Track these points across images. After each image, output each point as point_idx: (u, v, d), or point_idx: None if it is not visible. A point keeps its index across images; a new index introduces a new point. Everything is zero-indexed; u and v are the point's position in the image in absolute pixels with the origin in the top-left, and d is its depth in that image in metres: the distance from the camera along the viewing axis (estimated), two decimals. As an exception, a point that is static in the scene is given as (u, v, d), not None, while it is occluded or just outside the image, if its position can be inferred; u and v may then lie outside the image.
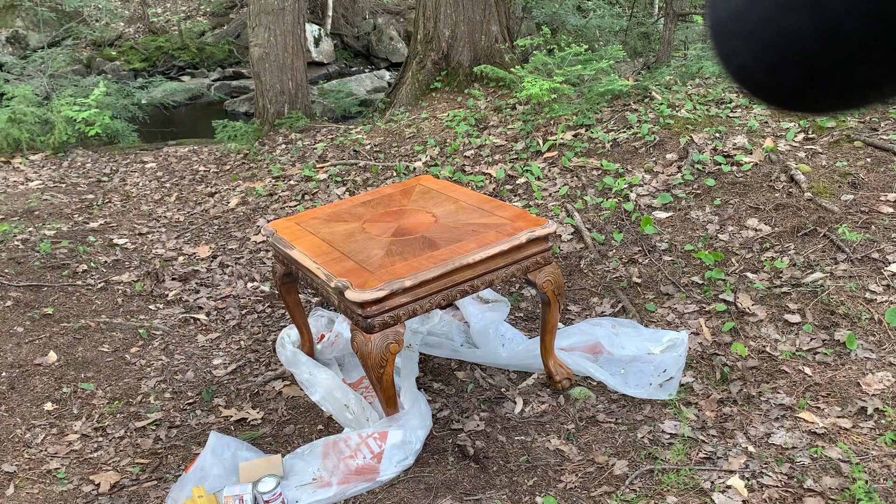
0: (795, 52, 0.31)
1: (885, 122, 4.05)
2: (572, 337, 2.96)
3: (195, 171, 5.72)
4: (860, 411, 2.48)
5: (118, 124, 6.65)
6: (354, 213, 2.86)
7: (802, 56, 0.31)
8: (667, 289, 3.28)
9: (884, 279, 3.01)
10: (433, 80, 6.46)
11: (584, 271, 3.55)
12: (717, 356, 2.83)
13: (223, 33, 11.88)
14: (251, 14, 6.13)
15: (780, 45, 0.31)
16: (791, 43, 0.31)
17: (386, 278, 2.31)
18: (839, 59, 0.30)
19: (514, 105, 5.56)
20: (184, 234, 4.59)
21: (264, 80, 6.20)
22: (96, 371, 3.22)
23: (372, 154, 5.36)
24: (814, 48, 0.30)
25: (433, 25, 6.39)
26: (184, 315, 3.64)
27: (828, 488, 2.20)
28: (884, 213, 3.39)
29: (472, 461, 2.50)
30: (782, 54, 0.32)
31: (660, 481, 2.31)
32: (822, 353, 2.75)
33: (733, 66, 0.35)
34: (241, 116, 8.56)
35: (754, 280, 3.18)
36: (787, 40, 0.31)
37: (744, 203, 3.67)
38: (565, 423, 2.64)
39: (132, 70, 10.72)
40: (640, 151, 4.34)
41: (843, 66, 0.30)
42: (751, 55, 0.33)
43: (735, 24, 0.33)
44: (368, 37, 11.63)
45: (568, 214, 3.98)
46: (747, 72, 0.34)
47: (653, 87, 5.10)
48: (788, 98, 0.34)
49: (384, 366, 2.35)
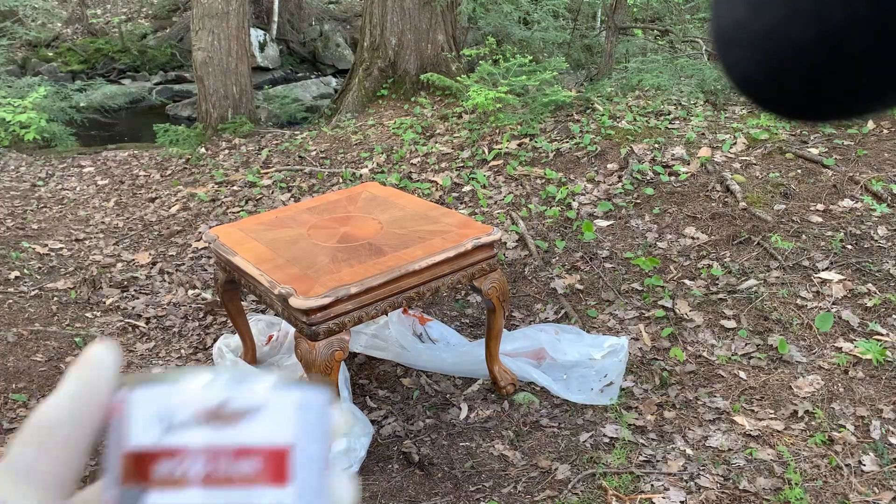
0: (798, 62, 0.31)
1: (815, 136, 4.22)
2: (516, 341, 3.00)
3: (135, 176, 5.59)
4: (792, 414, 2.57)
5: (55, 127, 6.46)
6: (299, 220, 2.84)
7: (805, 65, 0.31)
8: (608, 295, 3.35)
9: (813, 286, 3.14)
10: (380, 87, 6.46)
11: (529, 278, 3.59)
12: (656, 361, 2.90)
13: (165, 36, 11.66)
14: (195, 17, 6.04)
15: (782, 55, 0.32)
16: (793, 52, 0.31)
17: (331, 285, 2.29)
18: (841, 68, 0.30)
19: (460, 114, 5.60)
20: (122, 241, 4.48)
21: (207, 84, 6.11)
22: (29, 381, 3.11)
23: (318, 160, 5.33)
24: (816, 58, 0.31)
25: (380, 33, 6.40)
26: (122, 323, 3.55)
27: (762, 489, 2.27)
28: (813, 222, 3.53)
29: (417, 468, 2.50)
30: (785, 64, 0.32)
31: (601, 485, 2.35)
32: (757, 357, 2.84)
33: (736, 75, 0.35)
34: (184, 121, 8.39)
35: (692, 287, 3.27)
36: (789, 50, 0.31)
37: (681, 212, 3.78)
38: (509, 428, 2.66)
39: (70, 72, 10.42)
40: (583, 161, 4.43)
41: (846, 75, 0.30)
42: (753, 64, 0.33)
43: (738, 34, 0.33)
44: (315, 43, 11.57)
45: (513, 222, 4.03)
46: (750, 81, 0.34)
47: (595, 98, 5.21)
48: (791, 107, 0.34)
49: (329, 373, 2.33)
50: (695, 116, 4.84)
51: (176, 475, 0.31)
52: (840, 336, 2.88)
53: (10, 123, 6.07)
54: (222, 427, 0.31)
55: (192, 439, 0.31)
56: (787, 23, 0.31)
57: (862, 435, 2.45)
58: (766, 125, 4.47)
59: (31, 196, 5.23)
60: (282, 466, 0.32)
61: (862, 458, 2.35)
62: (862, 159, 4.00)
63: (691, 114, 4.91)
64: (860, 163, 3.97)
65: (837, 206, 3.62)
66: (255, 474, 0.31)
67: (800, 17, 0.30)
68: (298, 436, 0.32)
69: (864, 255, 3.27)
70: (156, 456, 0.31)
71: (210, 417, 0.31)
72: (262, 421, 0.32)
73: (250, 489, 0.31)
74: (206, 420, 0.31)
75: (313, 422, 0.33)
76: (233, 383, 0.32)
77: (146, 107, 9.41)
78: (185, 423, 0.31)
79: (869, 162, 3.97)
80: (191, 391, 0.32)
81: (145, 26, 12.04)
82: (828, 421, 2.51)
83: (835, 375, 2.70)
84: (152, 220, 4.77)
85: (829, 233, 3.45)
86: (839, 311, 2.98)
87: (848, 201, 3.64)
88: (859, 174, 3.82)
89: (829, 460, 2.35)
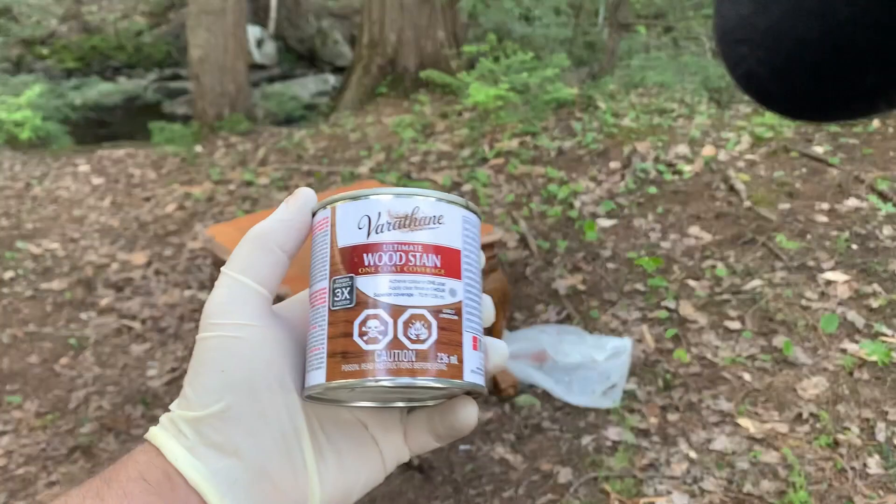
0: (803, 59, 0.31)
1: (820, 134, 4.18)
2: (518, 343, 2.96)
3: (130, 175, 5.53)
4: (796, 416, 2.53)
5: (50, 126, 6.41)
6: (297, 219, 2.80)
7: (810, 63, 0.31)
8: (610, 296, 3.31)
9: (818, 287, 3.10)
10: (378, 84, 6.42)
11: (530, 279, 3.55)
12: (659, 363, 2.86)
13: (161, 33, 11.61)
14: (191, 14, 5.99)
15: (787, 52, 0.31)
16: (798, 50, 0.31)
17: (329, 286, 2.25)
18: (847, 66, 0.30)
19: (460, 112, 5.56)
20: (118, 241, 4.43)
21: (204, 82, 6.06)
22: (23, 383, 3.07)
23: (316, 159, 5.28)
24: (821, 55, 0.30)
25: (379, 30, 6.36)
26: (117, 324, 3.51)
27: (766, 492, 2.24)
28: (819, 221, 3.49)
29: (417, 471, 2.46)
30: (789, 61, 0.31)
31: (604, 489, 2.31)
32: (761, 359, 2.81)
33: (740, 72, 0.34)
34: (180, 119, 8.33)
35: (695, 287, 3.23)
36: (794, 47, 0.31)
37: (685, 211, 3.74)
38: (510, 431, 2.63)
39: (65, 70, 10.36)
40: (585, 160, 4.39)
41: (851, 73, 0.30)
42: (757, 62, 0.33)
43: (742, 31, 0.33)
44: (313, 40, 11.51)
45: (514, 222, 3.99)
46: (754, 78, 0.34)
47: (597, 96, 5.17)
48: (796, 105, 0.34)
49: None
50: (699, 114, 4.80)
51: (378, 264, 0.41)
52: (845, 337, 2.84)
53: (4, 122, 6.02)
54: (413, 230, 0.41)
55: (389, 238, 0.41)
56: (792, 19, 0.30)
57: (867, 437, 2.42)
58: (771, 123, 4.43)
59: (25, 195, 5.18)
60: (456, 264, 0.42)
61: (867, 461, 2.32)
62: (867, 158, 3.97)
63: (695, 112, 4.87)
64: (866, 161, 3.93)
65: (843, 206, 3.58)
66: (436, 268, 0.41)
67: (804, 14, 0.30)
68: (465, 243, 0.43)
69: (869, 255, 3.23)
70: (362, 251, 0.41)
71: (402, 223, 0.41)
72: (441, 228, 0.42)
73: (433, 277, 0.41)
74: (399, 225, 0.41)
75: (473, 234, 0.44)
76: (417, 196, 0.42)
77: (142, 105, 9.35)
78: (383, 225, 0.41)
79: (874, 161, 3.93)
80: (385, 202, 0.42)
81: (141, 23, 11.99)
82: (833, 423, 2.47)
83: (840, 377, 2.67)
84: (148, 219, 4.72)
85: (834, 232, 3.41)
86: (844, 312, 2.94)
87: (853, 200, 3.60)
88: (865, 173, 3.79)
89: (834, 463, 2.32)
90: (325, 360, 0.40)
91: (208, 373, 0.40)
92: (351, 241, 0.41)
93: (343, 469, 0.43)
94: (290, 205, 0.44)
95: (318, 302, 0.42)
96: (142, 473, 0.38)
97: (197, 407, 0.39)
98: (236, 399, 0.39)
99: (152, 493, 0.37)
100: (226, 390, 0.39)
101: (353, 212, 0.42)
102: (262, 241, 0.43)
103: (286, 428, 0.41)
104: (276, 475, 0.40)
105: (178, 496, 0.38)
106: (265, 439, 0.40)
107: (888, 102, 0.31)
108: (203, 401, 0.39)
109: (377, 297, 0.40)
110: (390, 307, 0.40)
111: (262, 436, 0.40)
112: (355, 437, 0.44)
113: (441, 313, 0.40)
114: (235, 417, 0.39)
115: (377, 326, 0.40)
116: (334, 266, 0.42)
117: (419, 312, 0.40)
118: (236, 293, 0.41)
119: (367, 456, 0.45)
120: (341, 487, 0.43)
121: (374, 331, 0.40)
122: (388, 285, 0.40)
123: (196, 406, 0.39)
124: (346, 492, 0.44)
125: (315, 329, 0.42)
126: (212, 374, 0.40)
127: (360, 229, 0.41)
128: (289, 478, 0.40)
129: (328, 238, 0.42)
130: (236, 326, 0.40)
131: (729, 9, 0.33)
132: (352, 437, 0.44)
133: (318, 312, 0.42)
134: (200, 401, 0.39)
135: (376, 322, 0.40)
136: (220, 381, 0.39)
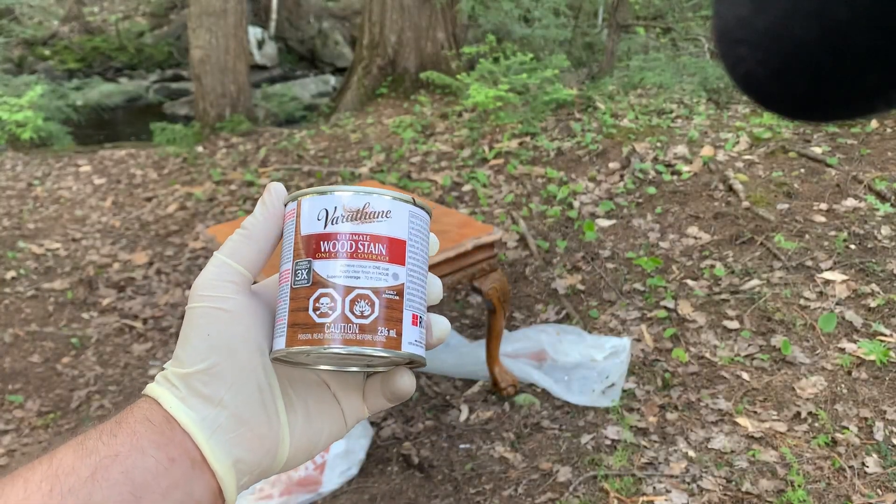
0: (801, 60, 0.31)
1: (818, 134, 4.19)
2: (517, 342, 2.97)
3: (132, 175, 5.55)
4: (795, 415, 2.55)
5: (51, 126, 6.42)
6: (297, 220, 2.81)
7: (809, 64, 0.31)
8: (609, 296, 3.32)
9: (817, 286, 3.11)
10: (379, 85, 6.43)
11: (529, 278, 3.56)
12: (658, 362, 2.88)
13: (163, 34, 11.62)
14: (192, 15, 6.00)
15: (785, 53, 0.31)
16: (797, 50, 0.31)
17: (329, 286, 2.26)
18: (845, 66, 0.30)
19: (460, 112, 5.57)
20: (119, 241, 4.45)
21: (205, 82, 6.07)
22: (25, 382, 3.08)
23: (316, 159, 5.30)
24: (820, 56, 0.30)
25: (379, 31, 6.37)
26: (119, 323, 3.52)
27: (765, 491, 2.25)
28: (817, 221, 3.50)
29: (417, 470, 2.47)
30: (788, 62, 0.31)
31: (603, 487, 2.32)
32: (759, 358, 2.82)
33: (739, 73, 0.34)
34: (181, 119, 8.35)
35: (694, 287, 3.24)
36: (793, 48, 0.31)
37: (684, 211, 3.75)
38: (510, 430, 2.64)
39: (67, 70, 10.38)
40: (584, 160, 4.40)
41: (850, 73, 0.30)
42: (756, 62, 0.33)
43: (741, 32, 0.33)
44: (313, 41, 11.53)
45: (513, 222, 4.00)
46: (753, 79, 0.34)
47: (596, 96, 5.18)
48: (794, 106, 0.34)
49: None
50: (697, 115, 4.81)
51: (332, 251, 0.47)
52: (843, 337, 2.85)
53: (6, 122, 6.04)
54: (363, 223, 0.47)
55: (343, 228, 0.47)
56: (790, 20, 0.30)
57: (865, 436, 2.43)
58: (769, 124, 4.44)
59: (27, 196, 5.19)
60: (401, 252, 0.48)
61: (865, 460, 2.33)
62: (865, 158, 3.98)
63: (694, 112, 4.88)
64: (864, 162, 3.94)
65: (841, 206, 3.59)
66: (381, 255, 0.47)
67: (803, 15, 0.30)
68: (411, 235, 0.49)
69: (867, 255, 3.24)
70: (320, 239, 0.47)
71: (355, 216, 0.47)
72: (388, 221, 0.48)
73: (379, 263, 0.47)
74: (352, 217, 0.47)
75: (420, 227, 0.50)
76: (369, 194, 0.48)
77: (143, 105, 9.37)
78: (339, 218, 0.47)
79: (872, 161, 3.94)
80: (343, 198, 0.48)
81: (142, 24, 12.00)
82: (831, 422, 2.48)
83: (838, 377, 2.68)
84: (149, 219, 4.74)
85: (832, 232, 3.42)
86: (842, 312, 2.95)
87: (851, 201, 3.61)
88: (863, 173, 3.80)
89: (833, 462, 2.33)
90: (286, 330, 0.47)
91: (196, 336, 0.47)
92: (311, 230, 0.48)
93: (310, 421, 0.50)
94: (267, 200, 0.51)
95: (284, 281, 0.49)
96: (147, 416, 0.45)
97: (187, 365, 0.46)
98: (220, 358, 0.46)
99: (156, 432, 0.44)
100: (211, 351, 0.46)
101: (315, 205, 0.48)
102: (247, 232, 0.50)
103: (262, 384, 0.48)
104: (253, 423, 0.47)
105: (175, 436, 0.45)
106: (244, 393, 0.47)
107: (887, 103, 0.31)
108: (192, 360, 0.46)
109: (330, 278, 0.47)
110: (341, 287, 0.46)
111: (242, 389, 0.47)
112: (320, 396, 0.52)
113: (384, 293, 0.47)
114: (219, 374, 0.46)
115: (328, 303, 0.46)
116: (297, 251, 0.48)
117: (364, 293, 0.47)
118: (223, 272, 0.48)
119: (329, 412, 0.52)
120: (308, 437, 0.50)
121: (325, 307, 0.46)
122: (339, 269, 0.47)
123: (186, 364, 0.46)
124: (313, 441, 0.51)
125: (280, 303, 0.48)
126: (199, 338, 0.46)
127: (319, 220, 0.48)
128: (264, 426, 0.47)
129: (294, 227, 0.49)
130: (221, 299, 0.47)
131: (728, 10, 0.33)
132: (317, 395, 0.51)
133: (283, 290, 0.49)
134: (190, 360, 0.46)
135: (328, 300, 0.46)
136: (206, 343, 0.46)
